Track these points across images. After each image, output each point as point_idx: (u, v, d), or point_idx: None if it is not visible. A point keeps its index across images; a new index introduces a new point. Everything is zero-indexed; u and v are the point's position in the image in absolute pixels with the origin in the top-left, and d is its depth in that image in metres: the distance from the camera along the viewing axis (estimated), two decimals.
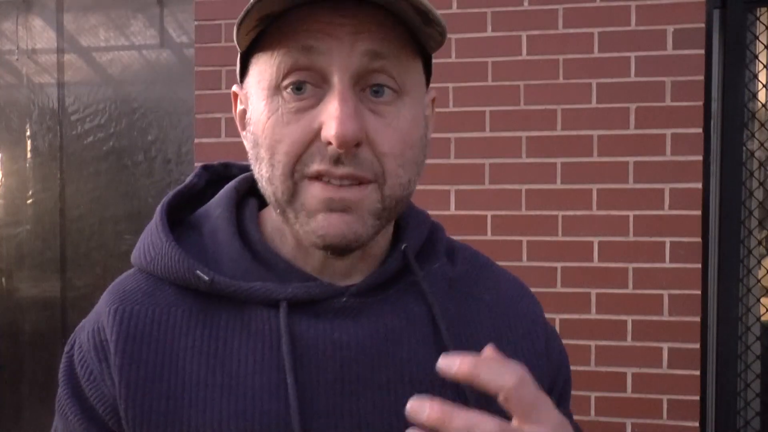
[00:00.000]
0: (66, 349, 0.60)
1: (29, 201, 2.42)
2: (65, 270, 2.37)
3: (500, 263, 0.67)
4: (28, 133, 2.41)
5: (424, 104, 0.57)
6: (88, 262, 2.35)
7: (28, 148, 2.41)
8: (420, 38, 0.53)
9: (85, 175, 2.37)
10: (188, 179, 0.64)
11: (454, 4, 1.84)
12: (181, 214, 0.62)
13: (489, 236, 1.81)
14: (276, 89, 0.51)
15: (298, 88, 0.51)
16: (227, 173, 0.66)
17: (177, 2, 2.29)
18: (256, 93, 0.53)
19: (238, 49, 0.55)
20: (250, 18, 0.50)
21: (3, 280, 2.45)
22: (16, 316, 2.43)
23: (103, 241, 2.33)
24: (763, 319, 1.86)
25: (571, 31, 1.80)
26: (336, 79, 0.49)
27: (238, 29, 0.51)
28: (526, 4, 1.81)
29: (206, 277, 0.54)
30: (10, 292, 2.44)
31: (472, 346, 0.58)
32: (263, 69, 0.53)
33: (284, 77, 0.51)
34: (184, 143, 2.28)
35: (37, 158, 2.41)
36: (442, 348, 0.56)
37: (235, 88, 0.60)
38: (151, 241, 0.59)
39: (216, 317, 0.55)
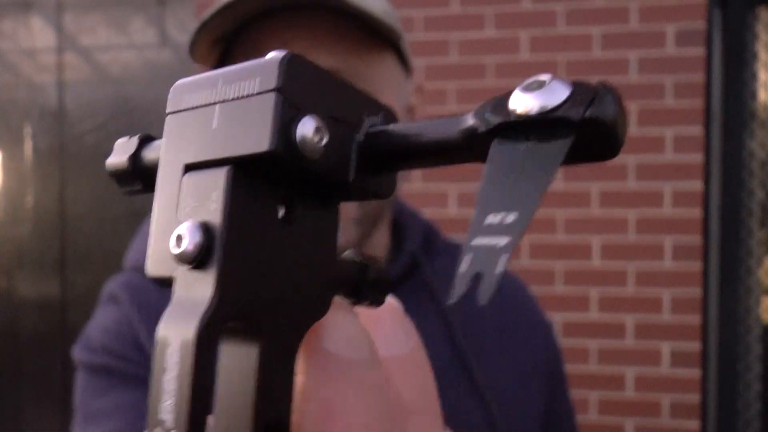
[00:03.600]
0: (75, 347, 0.57)
1: (29, 201, 2.42)
2: (65, 270, 2.37)
3: None
4: (28, 133, 2.41)
5: (404, 95, 0.57)
6: (88, 262, 2.35)
7: (28, 148, 2.41)
8: (378, 30, 0.52)
9: (85, 175, 2.37)
10: None
11: (454, 4, 1.84)
12: None
13: None
14: None
15: None
16: None
17: (178, 1, 2.29)
18: None
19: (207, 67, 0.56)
20: (200, 42, 0.51)
21: (3, 280, 2.45)
22: (16, 316, 2.42)
23: (103, 241, 2.33)
24: (765, 319, 1.86)
25: (571, 31, 1.79)
26: None
27: (191, 52, 0.53)
28: (526, 4, 1.81)
29: None
30: (10, 292, 2.43)
31: (481, 340, 0.60)
32: None
33: None
34: None
35: (37, 158, 2.40)
36: (455, 343, 0.57)
37: None
38: None
39: None
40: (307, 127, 0.16)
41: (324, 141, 0.16)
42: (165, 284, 0.17)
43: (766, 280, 1.87)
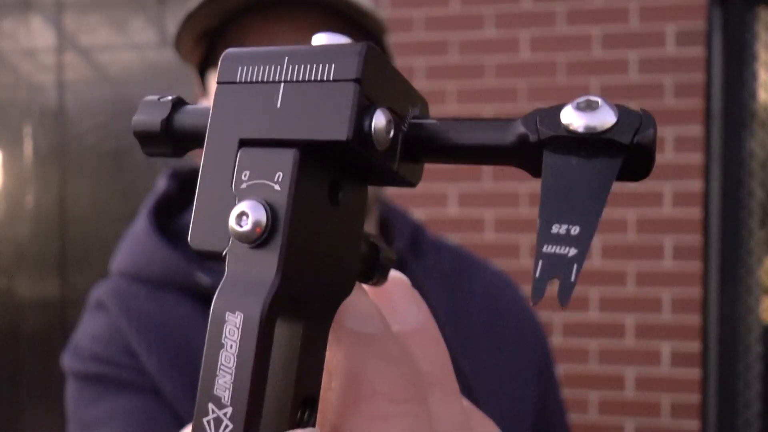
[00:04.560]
0: (65, 356, 0.57)
1: (29, 201, 2.42)
2: (65, 270, 2.37)
3: (500, 263, 0.68)
4: (28, 133, 2.41)
5: None
6: (88, 262, 2.35)
7: (28, 148, 2.41)
8: (365, 26, 0.53)
9: (85, 175, 2.37)
10: (163, 185, 0.63)
11: (454, 4, 1.84)
12: (161, 220, 0.61)
13: (489, 236, 1.81)
14: None
15: None
16: (195, 177, 0.64)
17: (178, 1, 2.29)
18: None
19: (192, 64, 0.56)
20: (186, 36, 0.51)
21: (3, 280, 2.45)
22: (16, 316, 2.42)
23: (103, 241, 2.33)
24: (765, 319, 1.86)
25: (571, 31, 1.79)
26: None
27: (177, 47, 0.52)
28: (526, 4, 1.81)
29: (208, 279, 0.53)
30: (10, 292, 2.44)
31: (469, 338, 0.59)
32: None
33: None
34: None
35: (37, 158, 2.40)
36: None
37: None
38: (141, 247, 0.57)
39: None
40: (380, 120, 0.16)
41: (392, 134, 0.17)
42: (210, 257, 0.17)
43: (766, 280, 1.87)
